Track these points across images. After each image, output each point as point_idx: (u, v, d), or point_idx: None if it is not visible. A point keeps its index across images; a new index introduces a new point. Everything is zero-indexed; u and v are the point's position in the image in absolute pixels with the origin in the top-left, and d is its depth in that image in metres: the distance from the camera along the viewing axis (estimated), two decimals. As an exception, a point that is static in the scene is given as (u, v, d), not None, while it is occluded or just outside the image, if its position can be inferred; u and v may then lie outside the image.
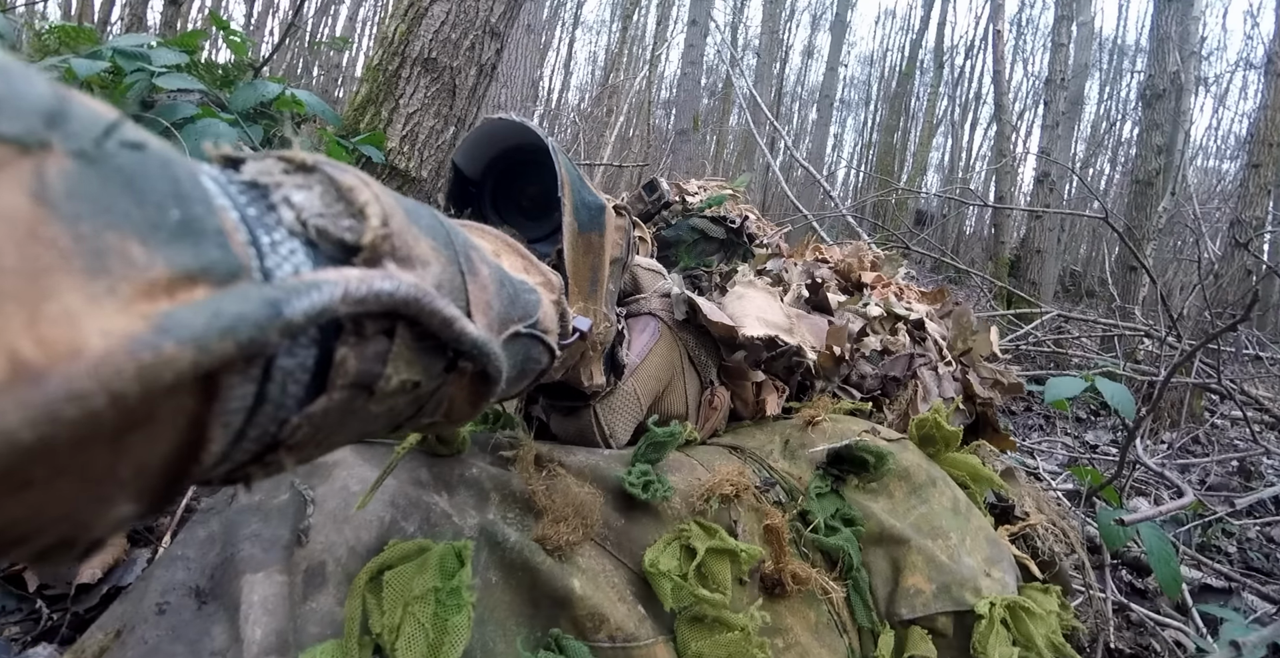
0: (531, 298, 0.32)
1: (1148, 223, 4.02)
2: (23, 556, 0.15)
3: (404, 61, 1.46)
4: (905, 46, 13.20)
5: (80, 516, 0.15)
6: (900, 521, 0.55)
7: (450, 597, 0.39)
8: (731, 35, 11.07)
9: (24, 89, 0.14)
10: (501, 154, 0.51)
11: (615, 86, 7.65)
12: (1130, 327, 2.66)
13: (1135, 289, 3.69)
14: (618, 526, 0.49)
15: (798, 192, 6.32)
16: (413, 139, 1.47)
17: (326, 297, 0.18)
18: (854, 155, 14.47)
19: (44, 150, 0.13)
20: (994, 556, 0.56)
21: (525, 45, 3.97)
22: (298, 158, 0.21)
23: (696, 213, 1.40)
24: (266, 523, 0.42)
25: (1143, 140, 4.27)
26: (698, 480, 0.53)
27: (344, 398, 0.20)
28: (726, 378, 0.65)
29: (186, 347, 0.14)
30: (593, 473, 0.51)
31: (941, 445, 0.62)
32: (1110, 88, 12.38)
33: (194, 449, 0.17)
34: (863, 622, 0.52)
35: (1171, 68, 4.09)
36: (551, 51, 10.36)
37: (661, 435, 0.52)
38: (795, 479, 0.57)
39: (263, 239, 0.18)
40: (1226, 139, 11.99)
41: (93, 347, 0.13)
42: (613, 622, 0.43)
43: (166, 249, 0.15)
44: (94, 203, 0.14)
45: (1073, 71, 5.70)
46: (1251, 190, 4.11)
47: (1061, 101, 4.88)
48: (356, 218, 0.21)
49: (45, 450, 0.13)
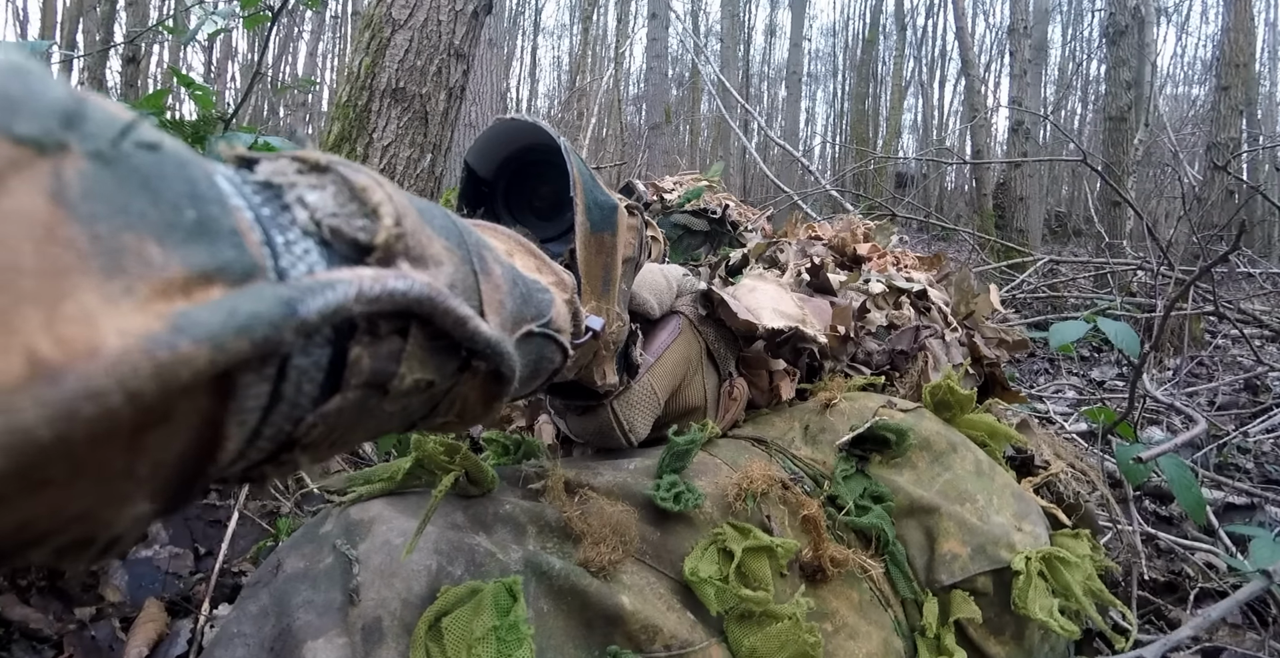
0: (544, 297, 0.32)
1: (1125, 157, 4.03)
2: (41, 554, 0.15)
3: (373, 95, 1.47)
4: (866, 13, 13.14)
5: (98, 514, 0.15)
6: (927, 490, 0.56)
7: (510, 633, 0.39)
8: (693, 23, 11.04)
9: (41, 91, 0.14)
10: (514, 154, 0.51)
11: (583, 89, 7.64)
12: (1122, 262, 2.67)
13: (1121, 224, 3.70)
14: (654, 539, 0.49)
15: (777, 170, 6.33)
16: (391, 172, 1.47)
17: (341, 296, 0.18)
18: (828, 127, 14.45)
19: (61, 151, 0.13)
20: (1022, 510, 0.57)
21: (489, 60, 3.96)
22: (311, 158, 0.21)
23: (676, 209, 1.42)
24: (316, 589, 0.42)
25: (1111, 77, 4.27)
26: (727, 481, 0.54)
27: (358, 397, 0.21)
28: (744, 368, 0.66)
29: (203, 346, 0.14)
30: (622, 490, 0.51)
31: (957, 409, 0.63)
32: (1073, 28, 12.35)
33: (210, 448, 0.17)
34: (905, 593, 0.53)
35: (1132, 2, 4.08)
36: (515, 61, 10.34)
37: (683, 444, 0.52)
38: (820, 465, 0.58)
39: (277, 239, 0.18)
40: (1193, 65, 11.98)
41: (110, 346, 0.13)
42: (666, 632, 0.44)
43: (182, 249, 0.15)
44: (111, 203, 0.14)
45: (1034, 18, 5.70)
46: (1223, 112, 4.11)
47: (1026, 49, 4.88)
48: (370, 218, 0.21)
49: (63, 449, 0.13)
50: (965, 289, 0.88)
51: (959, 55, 5.33)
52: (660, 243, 0.67)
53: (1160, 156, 4.75)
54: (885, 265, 0.95)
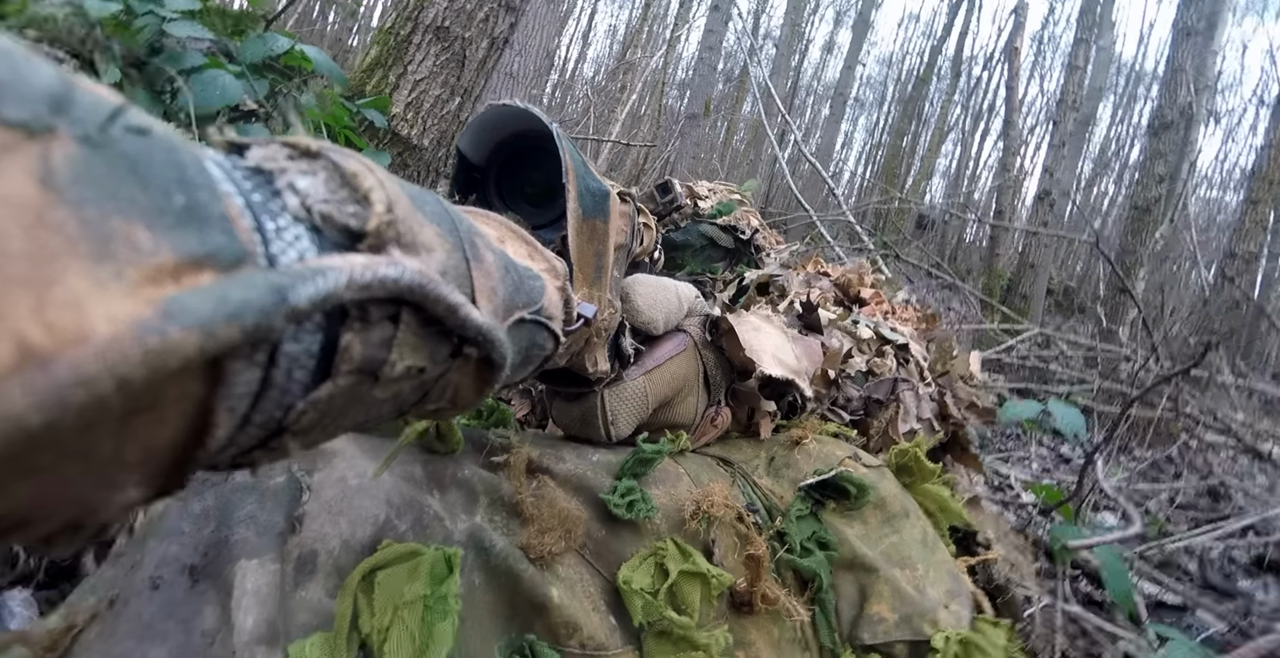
0: (536, 284, 0.32)
1: (1143, 249, 4.05)
2: (30, 539, 0.15)
3: (416, 27, 1.43)
4: (925, 52, 13.11)
5: (88, 500, 0.15)
6: (872, 548, 0.56)
7: (438, 603, 0.40)
8: (753, 23, 10.94)
9: (29, 74, 0.13)
10: (506, 140, 0.51)
11: (631, 63, 7.55)
12: (1108, 348, 2.69)
13: (1124, 311, 3.72)
14: (599, 536, 0.50)
15: (803, 186, 6.31)
16: (417, 107, 1.44)
17: (331, 283, 0.18)
18: (862, 154, 14.45)
19: (49, 135, 0.13)
20: (954, 589, 0.58)
21: (544, 15, 3.90)
22: (302, 144, 0.21)
23: (707, 219, 1.40)
24: (262, 506, 0.42)
25: (1145, 168, 4.28)
26: (685, 496, 0.54)
27: (349, 384, 0.21)
28: (732, 400, 0.66)
29: (192, 332, 0.14)
30: (579, 482, 0.51)
31: (918, 478, 0.64)
32: (1123, 111, 12.39)
33: (200, 434, 0.17)
34: (825, 642, 0.53)
35: (1183, 100, 4.09)
36: (572, 21, 10.21)
37: (648, 452, 0.52)
38: (778, 498, 0.59)
39: (268, 225, 0.18)
40: (1232, 172, 12.07)
41: (99, 332, 0.13)
42: (585, 631, 0.45)
43: (172, 235, 0.15)
44: (100, 188, 0.14)
45: (1087, 93, 5.70)
46: (1248, 225, 4.14)
47: (1071, 123, 4.88)
48: (361, 204, 0.21)
49: (53, 435, 0.13)
50: (945, 349, 0.88)
51: (1004, 116, 5.32)
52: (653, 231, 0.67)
53: (1178, 254, 4.79)
54: (876, 313, 0.95)
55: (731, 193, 1.47)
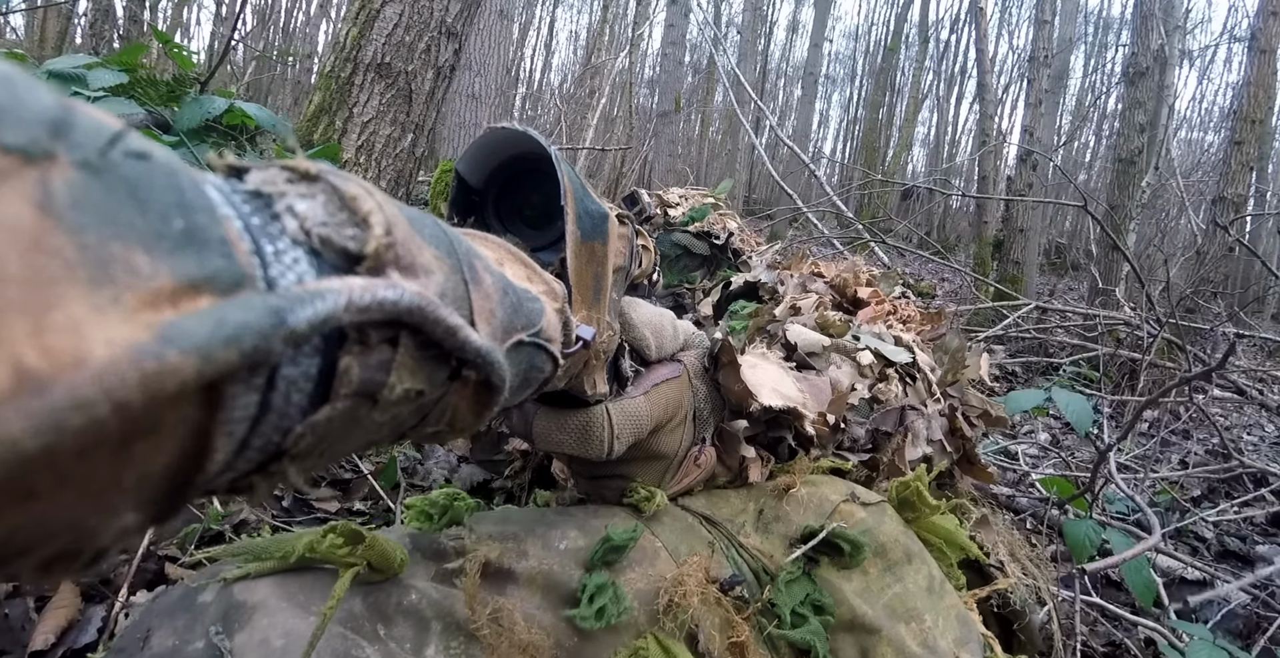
0: (535, 307, 0.32)
1: (1130, 201, 4.00)
2: (27, 567, 0.15)
3: (356, 68, 1.39)
4: (890, 21, 13.02)
5: (85, 525, 0.15)
6: (873, 604, 0.53)
7: None
8: (714, 11, 10.86)
9: (28, 98, 0.14)
10: (504, 163, 0.51)
11: (597, 67, 7.51)
12: (1109, 315, 2.65)
13: (1118, 267, 3.67)
14: (570, 645, 0.46)
15: (784, 170, 6.25)
16: (369, 149, 1.40)
17: (330, 305, 0.18)
18: (840, 131, 14.38)
19: (49, 160, 0.13)
20: (963, 636, 0.54)
21: (498, 32, 3.86)
22: (301, 167, 0.21)
23: (679, 227, 1.35)
24: None
25: (1125, 119, 4.23)
26: (664, 572, 0.50)
27: (348, 407, 0.21)
28: (719, 441, 0.63)
29: (190, 356, 0.14)
30: (546, 580, 0.47)
31: (922, 513, 0.60)
32: (1095, 60, 12.31)
33: (198, 459, 0.17)
34: (831, 712, 0.49)
35: (1155, 44, 4.03)
36: (532, 31, 10.16)
37: (620, 539, 0.49)
38: (767, 558, 0.54)
39: (266, 248, 0.18)
40: (1210, 111, 12.00)
41: (97, 356, 0.13)
42: None
43: (171, 259, 0.15)
44: (98, 213, 0.14)
45: (1057, 46, 5.64)
46: (1233, 167, 4.09)
47: (1045, 79, 4.83)
48: (360, 227, 0.21)
49: (49, 460, 0.13)
50: (958, 360, 0.83)
51: (977, 79, 5.27)
52: (651, 253, 0.65)
53: (1167, 201, 4.74)
54: (881, 314, 0.91)
55: (705, 197, 1.43)
